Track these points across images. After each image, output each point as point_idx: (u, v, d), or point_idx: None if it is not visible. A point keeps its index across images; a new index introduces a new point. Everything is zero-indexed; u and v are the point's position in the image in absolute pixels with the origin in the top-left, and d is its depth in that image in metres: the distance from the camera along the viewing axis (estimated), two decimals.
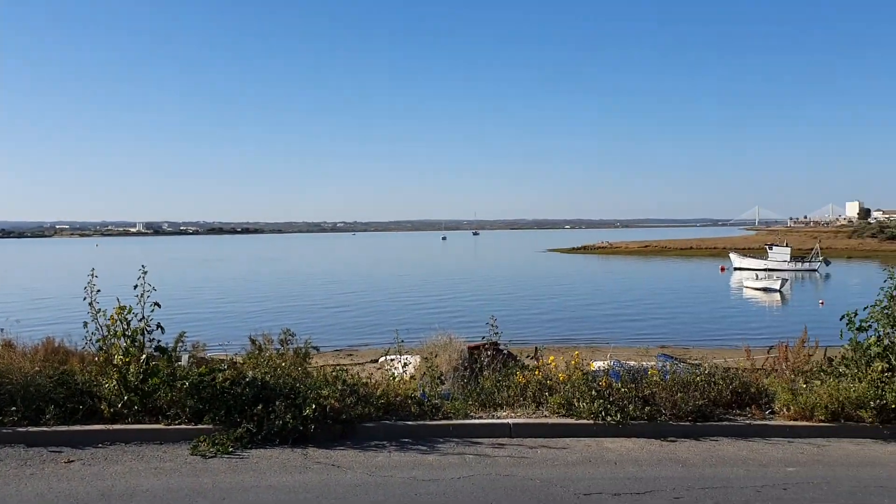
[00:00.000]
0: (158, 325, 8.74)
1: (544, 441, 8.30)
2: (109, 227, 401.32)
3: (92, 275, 8.79)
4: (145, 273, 8.69)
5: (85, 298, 8.77)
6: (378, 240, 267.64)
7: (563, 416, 8.83)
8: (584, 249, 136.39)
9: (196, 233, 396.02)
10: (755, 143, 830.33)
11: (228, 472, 7.15)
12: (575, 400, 8.85)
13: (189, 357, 12.67)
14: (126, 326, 8.64)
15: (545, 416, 8.92)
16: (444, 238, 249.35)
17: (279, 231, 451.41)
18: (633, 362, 11.87)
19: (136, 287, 8.75)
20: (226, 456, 7.58)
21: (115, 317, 8.63)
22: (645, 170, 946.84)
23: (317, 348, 16.11)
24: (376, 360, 24.61)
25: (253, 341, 14.67)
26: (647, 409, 8.72)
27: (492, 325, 10.87)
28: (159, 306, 8.70)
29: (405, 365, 11.68)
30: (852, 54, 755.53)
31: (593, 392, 8.84)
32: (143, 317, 8.71)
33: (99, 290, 8.76)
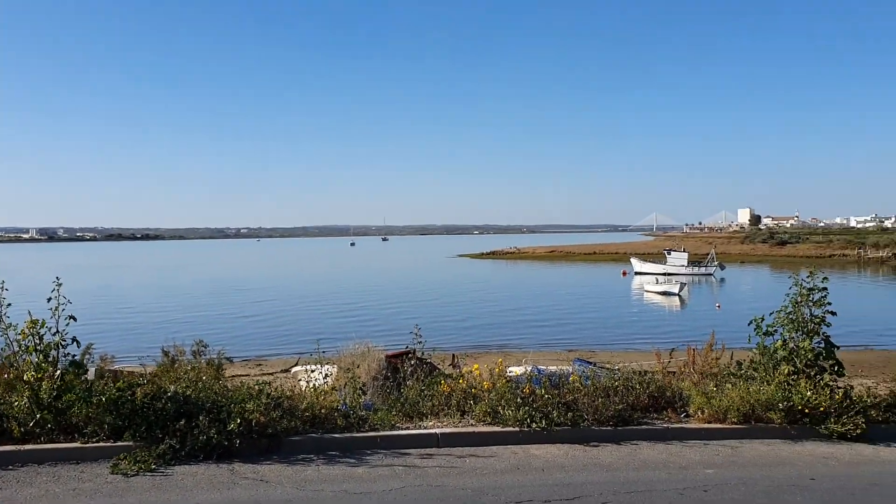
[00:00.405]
0: (74, 340, 8.39)
1: (472, 450, 8.36)
2: None
3: (1, 287, 8.39)
4: (60, 285, 8.33)
5: None
6: (284, 246, 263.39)
7: (489, 423, 8.92)
8: (493, 255, 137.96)
9: (94, 239, 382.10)
10: (651, 151, 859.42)
11: (153, 489, 6.91)
12: (500, 408, 8.95)
13: (97, 370, 12.20)
14: (38, 341, 8.26)
15: (471, 424, 8.99)
16: (352, 244, 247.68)
17: (180, 237, 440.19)
18: (553, 367, 12.11)
19: (49, 300, 8.38)
20: (149, 473, 7.32)
21: (27, 331, 8.24)
22: (549, 177, 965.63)
23: (230, 359, 15.81)
24: (287, 370, 24.27)
25: (166, 353, 14.30)
26: (570, 414, 8.90)
27: (416, 335, 10.87)
28: (75, 319, 8.36)
29: (326, 376, 11.54)
30: (740, 68, 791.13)
31: (518, 399, 8.97)
32: (58, 330, 8.35)
33: (10, 304, 8.37)
